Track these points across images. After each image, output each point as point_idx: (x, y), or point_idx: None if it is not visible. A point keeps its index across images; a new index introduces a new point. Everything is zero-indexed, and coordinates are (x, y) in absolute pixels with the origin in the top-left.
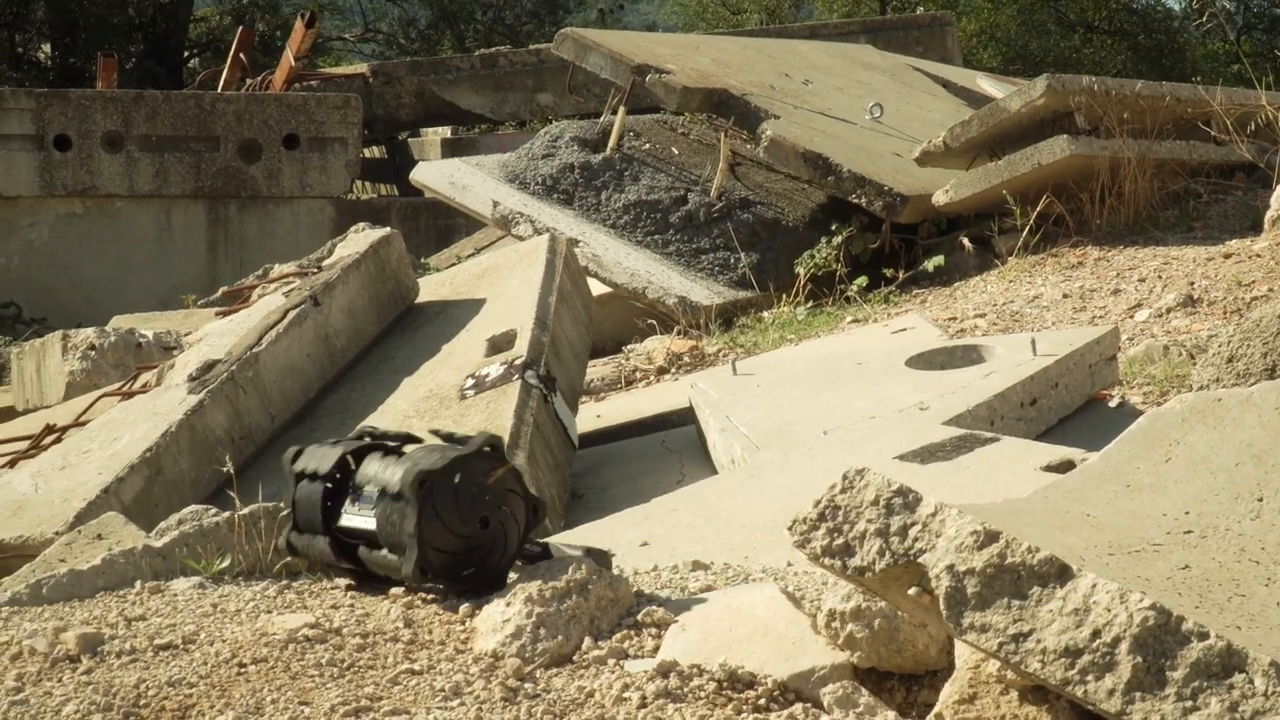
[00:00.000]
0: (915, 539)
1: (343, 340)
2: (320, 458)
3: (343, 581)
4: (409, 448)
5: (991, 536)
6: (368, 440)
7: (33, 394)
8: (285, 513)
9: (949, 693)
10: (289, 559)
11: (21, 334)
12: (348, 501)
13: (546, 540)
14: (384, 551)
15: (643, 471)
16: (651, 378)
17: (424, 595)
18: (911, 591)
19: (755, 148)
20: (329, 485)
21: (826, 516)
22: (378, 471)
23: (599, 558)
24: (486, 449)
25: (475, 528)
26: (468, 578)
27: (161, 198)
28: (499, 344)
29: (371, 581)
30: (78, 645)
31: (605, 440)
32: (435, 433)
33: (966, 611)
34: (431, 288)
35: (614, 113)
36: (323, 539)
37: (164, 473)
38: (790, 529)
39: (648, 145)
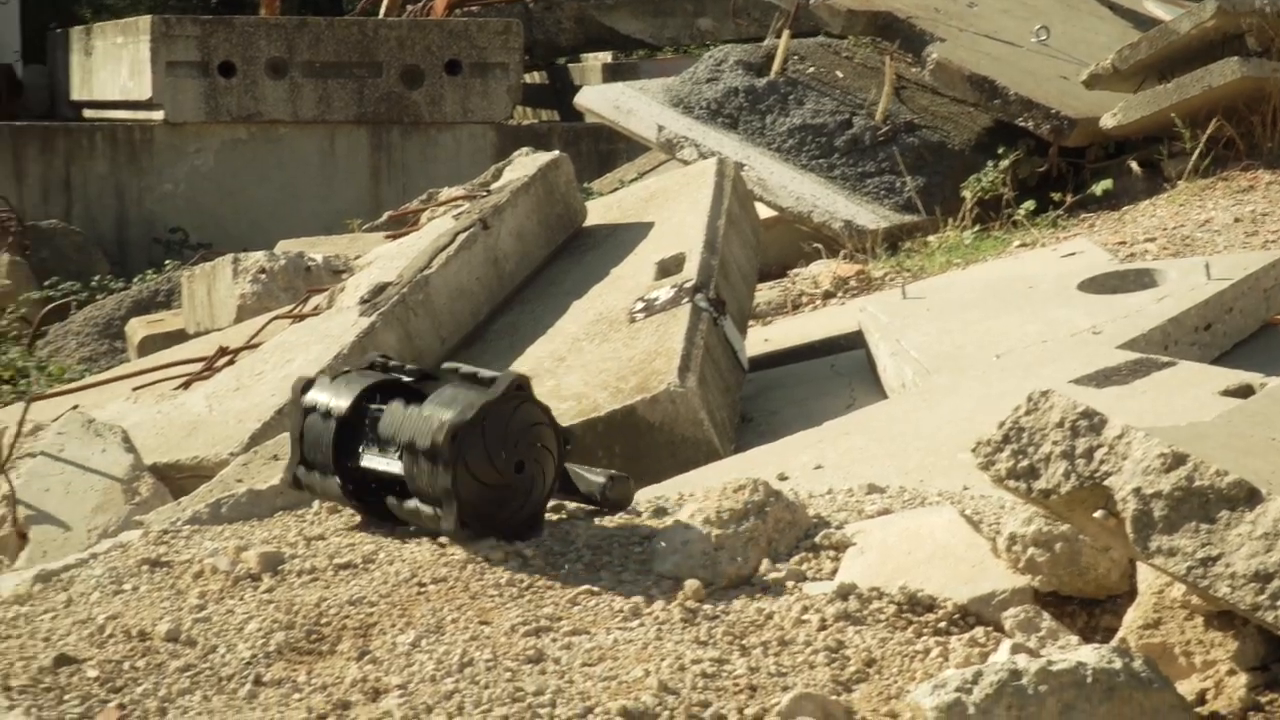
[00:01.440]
0: (1101, 461)
1: (512, 263)
2: (334, 392)
3: None
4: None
5: (1179, 459)
6: (379, 374)
7: (203, 317)
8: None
9: (1133, 617)
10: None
11: (189, 259)
12: (366, 443)
13: (568, 465)
14: (414, 502)
15: (812, 395)
16: (818, 302)
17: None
18: (1097, 515)
19: (920, 71)
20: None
21: (1011, 439)
22: (400, 419)
23: (619, 481)
24: (515, 389)
25: (511, 474)
26: (507, 520)
27: (325, 124)
28: (668, 267)
29: (386, 522)
30: (259, 564)
31: (773, 364)
32: (455, 369)
33: (1154, 535)
34: (599, 211)
35: (778, 36)
36: (334, 479)
37: None
38: (974, 451)
39: (812, 69)
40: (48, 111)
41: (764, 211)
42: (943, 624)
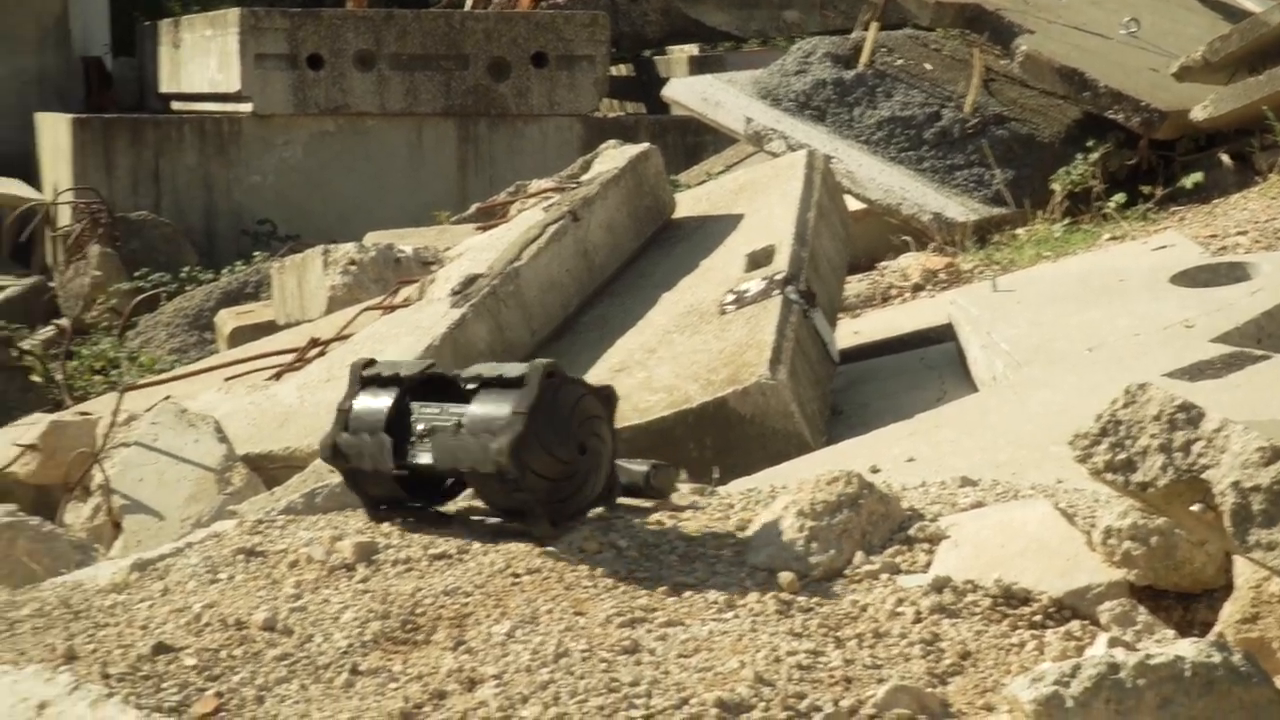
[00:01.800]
0: (1199, 455)
1: (601, 255)
2: (373, 405)
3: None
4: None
5: (1277, 453)
6: (401, 381)
7: (293, 308)
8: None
9: (1230, 611)
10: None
11: (277, 250)
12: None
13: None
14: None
15: (903, 388)
16: (907, 295)
17: (694, 508)
18: (1194, 508)
19: (1009, 63)
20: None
21: (1109, 431)
22: (450, 445)
23: (662, 470)
24: (550, 377)
25: (577, 456)
26: (589, 495)
27: (412, 116)
28: (758, 259)
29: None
30: (354, 554)
31: (863, 357)
32: (476, 378)
33: (1252, 529)
34: (688, 204)
35: (865, 28)
36: (385, 437)
37: None
38: (1071, 444)
39: (900, 61)
40: (137, 104)
41: (852, 204)
42: (1038, 617)
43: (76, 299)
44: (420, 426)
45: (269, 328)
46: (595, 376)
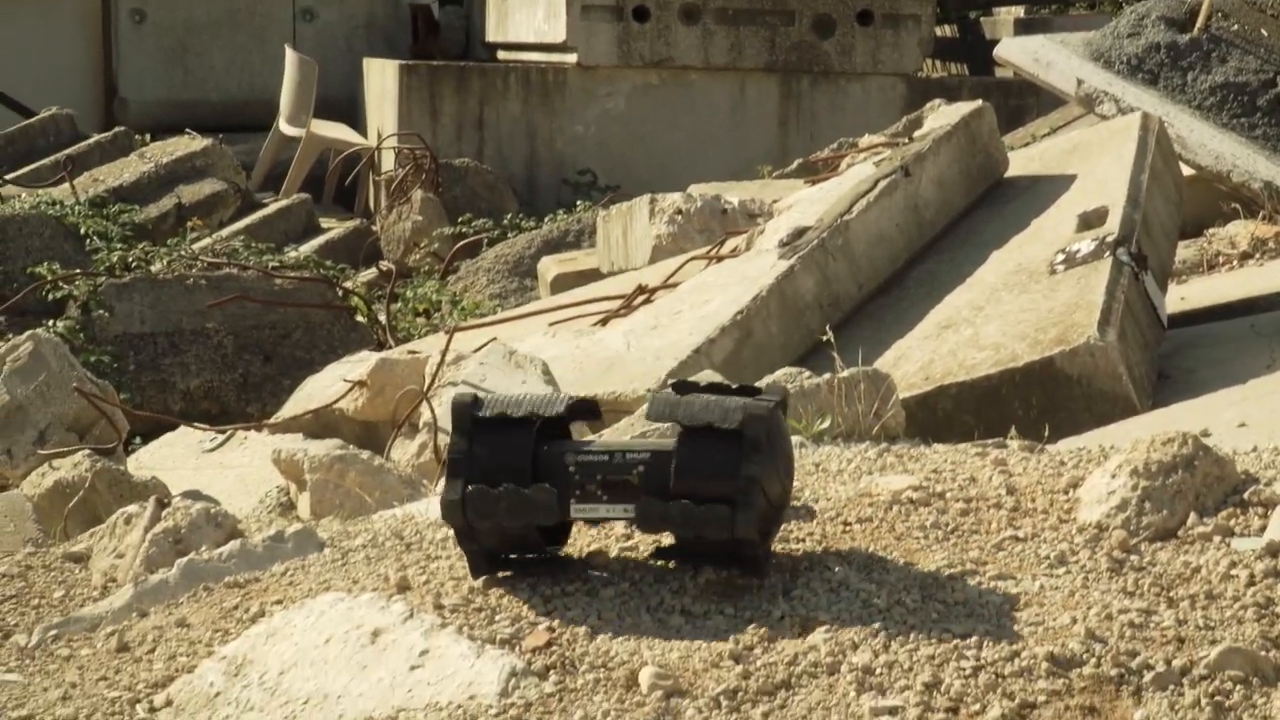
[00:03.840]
0: None
1: (931, 211)
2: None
3: (941, 447)
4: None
5: None
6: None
7: (618, 256)
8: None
9: None
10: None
11: (598, 200)
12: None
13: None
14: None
15: (1231, 355)
16: (1234, 263)
17: (1023, 460)
18: None
19: None
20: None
21: None
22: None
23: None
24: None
25: (790, 495)
26: (767, 550)
27: (735, 70)
28: (1090, 220)
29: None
30: None
31: (1189, 323)
32: (681, 383)
33: None
34: (1019, 163)
35: None
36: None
37: (753, 335)
38: None
39: (1236, 26)
40: (463, 52)
41: (1181, 170)
42: None
43: (398, 243)
44: (571, 469)
45: (591, 275)
46: (921, 332)
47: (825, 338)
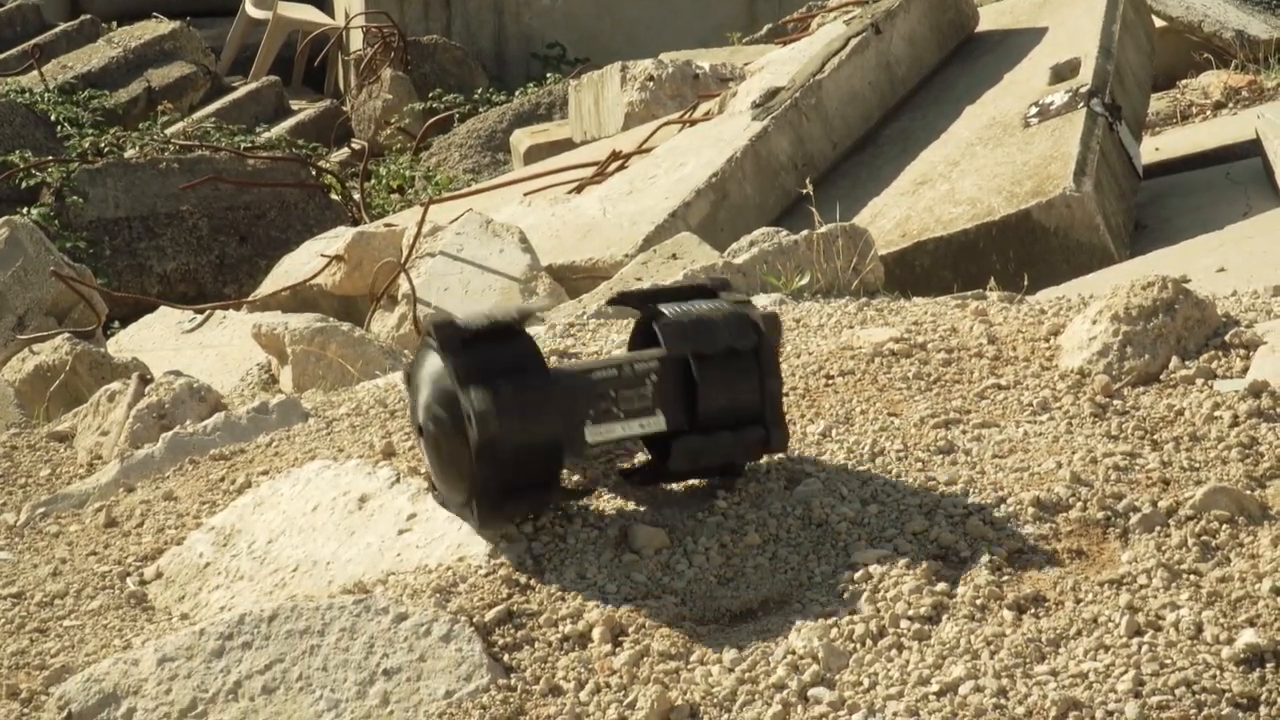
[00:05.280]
0: None
1: (903, 68)
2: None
3: (920, 300)
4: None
5: None
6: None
7: (590, 125)
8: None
9: None
10: None
11: (567, 74)
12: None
13: None
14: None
15: (1207, 203)
16: (1208, 112)
17: (1003, 310)
18: None
19: None
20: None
21: None
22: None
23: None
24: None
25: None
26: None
27: None
28: (1062, 72)
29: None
30: None
31: (1165, 172)
32: (624, 295)
33: None
34: (990, 18)
35: None
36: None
37: (729, 197)
38: None
39: None
40: None
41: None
42: None
43: (369, 122)
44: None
45: (564, 145)
46: (897, 189)
47: (805, 190)
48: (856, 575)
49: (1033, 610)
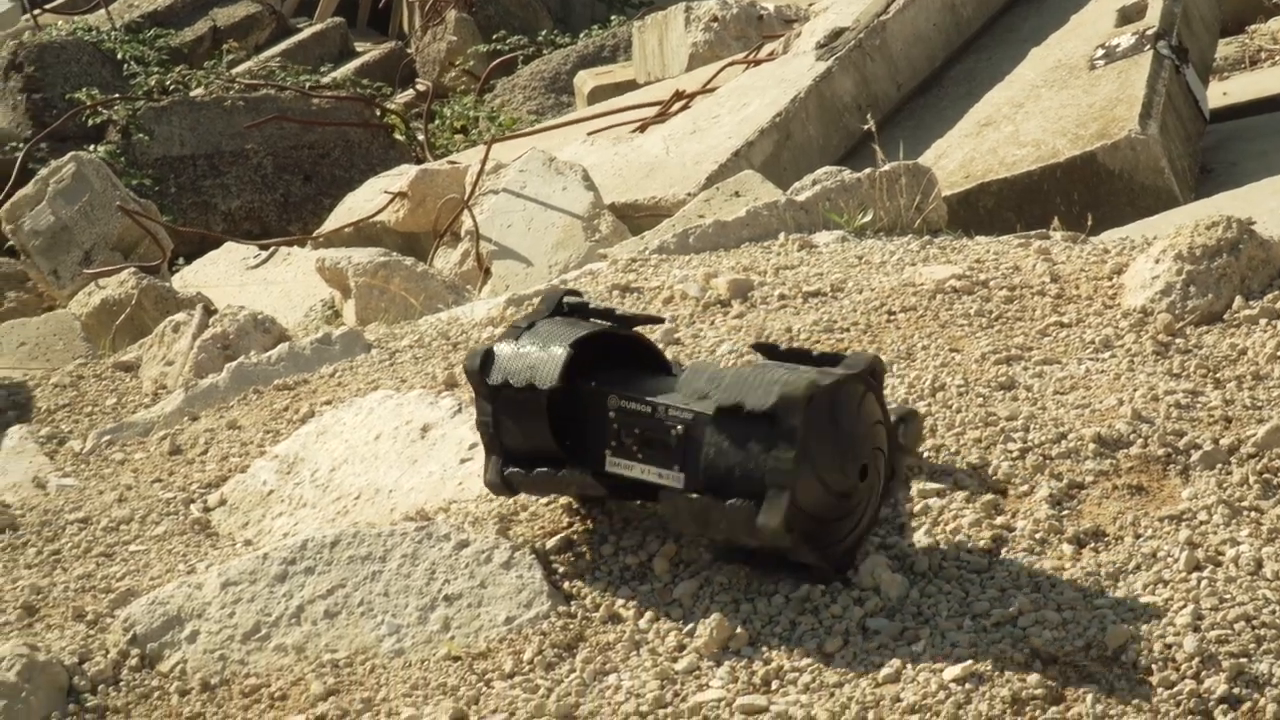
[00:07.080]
0: None
1: (969, 9)
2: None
3: (983, 239)
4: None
5: None
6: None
7: (654, 66)
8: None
9: None
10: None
11: (631, 16)
12: (612, 448)
13: None
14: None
15: (1273, 148)
16: (1277, 58)
17: (1066, 249)
18: None
19: None
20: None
21: None
22: (707, 377)
23: (910, 422)
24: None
25: (856, 481)
26: (834, 544)
27: None
28: (1129, 14)
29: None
30: (728, 290)
31: (1232, 117)
32: (761, 346)
33: None
34: None
35: None
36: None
37: (793, 137)
38: None
39: None
40: None
41: None
42: None
43: (433, 63)
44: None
45: (628, 87)
46: (961, 131)
47: (867, 126)
48: (915, 509)
49: (1092, 545)
